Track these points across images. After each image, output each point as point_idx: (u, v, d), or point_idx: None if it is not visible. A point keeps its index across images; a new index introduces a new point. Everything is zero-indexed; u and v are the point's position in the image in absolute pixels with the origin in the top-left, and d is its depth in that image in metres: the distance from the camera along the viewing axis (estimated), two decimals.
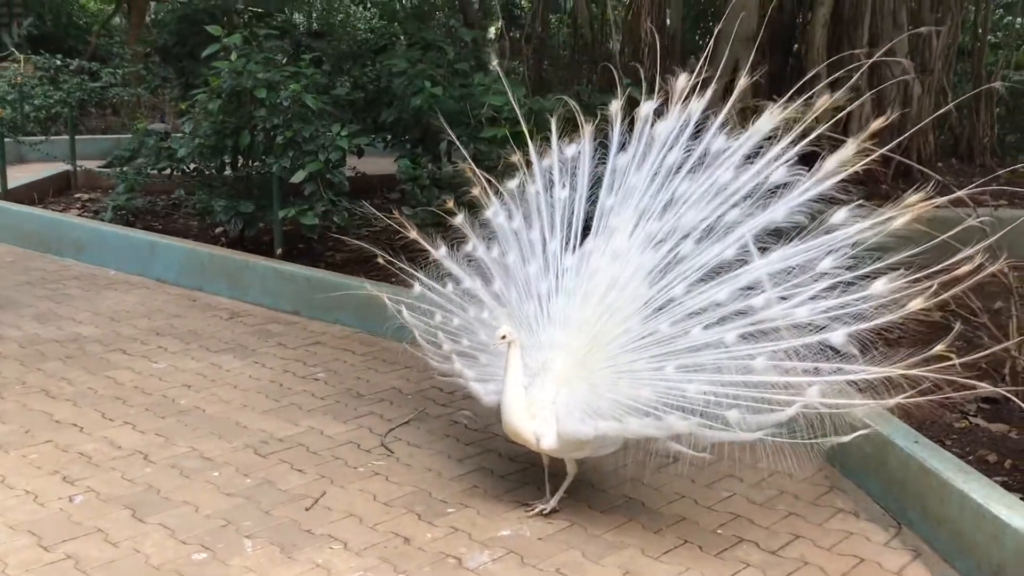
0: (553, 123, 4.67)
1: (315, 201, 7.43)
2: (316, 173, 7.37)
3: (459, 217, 4.73)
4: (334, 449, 4.82)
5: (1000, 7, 13.11)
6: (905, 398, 3.60)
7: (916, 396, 3.59)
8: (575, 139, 4.65)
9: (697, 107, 4.33)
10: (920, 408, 3.65)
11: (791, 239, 3.96)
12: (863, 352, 3.72)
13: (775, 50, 9.63)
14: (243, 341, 6.51)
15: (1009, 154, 11.26)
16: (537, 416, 4.04)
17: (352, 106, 9.15)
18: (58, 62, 15.09)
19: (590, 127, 4.58)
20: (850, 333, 3.73)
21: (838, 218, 3.90)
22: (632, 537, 4.02)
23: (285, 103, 7.60)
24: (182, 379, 5.74)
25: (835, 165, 3.95)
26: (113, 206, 9.20)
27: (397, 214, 4.79)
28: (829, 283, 3.82)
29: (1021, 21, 12.79)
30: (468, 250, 4.68)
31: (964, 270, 3.61)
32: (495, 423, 4.26)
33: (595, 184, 4.53)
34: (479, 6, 14.67)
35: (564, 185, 4.58)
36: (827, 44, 9.39)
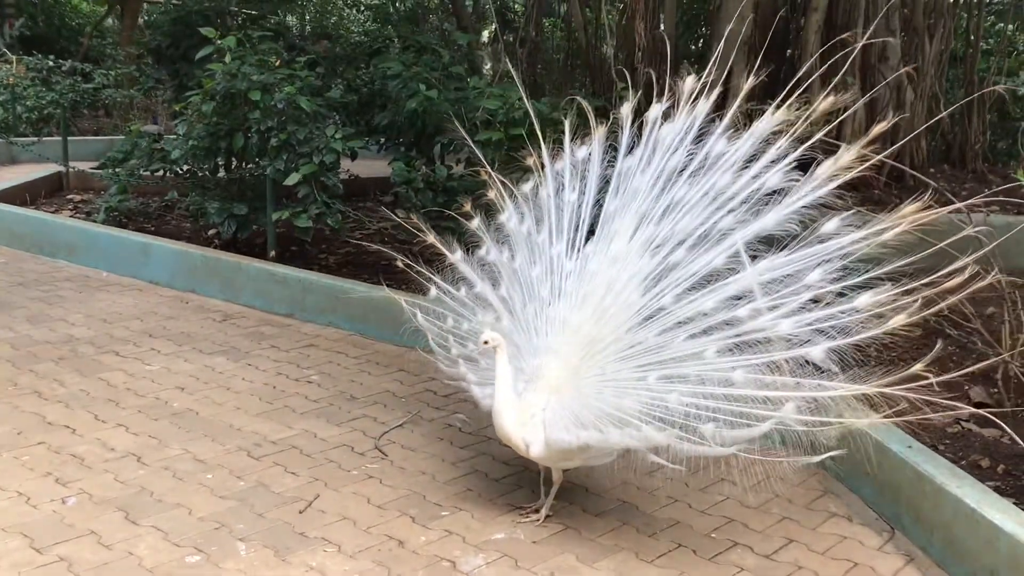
0: (567, 125, 4.63)
1: (309, 203, 7.42)
2: (310, 176, 7.37)
3: (475, 221, 4.69)
4: (328, 452, 4.81)
5: (992, 14, 13.18)
6: (880, 418, 3.59)
7: (892, 416, 3.56)
8: (587, 142, 4.62)
9: (702, 110, 4.30)
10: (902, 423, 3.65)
11: (783, 248, 3.91)
12: (843, 368, 3.68)
13: (769, 55, 9.64)
14: (236, 343, 6.50)
15: (1001, 160, 11.32)
16: (528, 423, 4.01)
17: (346, 108, 9.16)
18: (50, 63, 15.01)
19: (602, 129, 4.55)
20: (829, 348, 3.69)
21: (829, 228, 3.85)
22: (626, 541, 4.02)
23: (279, 105, 7.60)
24: (175, 381, 5.73)
25: (830, 171, 3.91)
26: (106, 207, 9.18)
27: (415, 218, 4.74)
28: (812, 295, 3.77)
29: (1012, 28, 12.85)
30: (481, 254, 4.65)
31: (954, 283, 3.56)
32: (489, 427, 4.27)
33: (605, 187, 4.49)
34: (473, 10, 14.68)
35: (573, 188, 4.56)
36: (821, 49, 9.41)
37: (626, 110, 4.53)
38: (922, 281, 3.63)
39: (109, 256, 8.37)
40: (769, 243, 3.99)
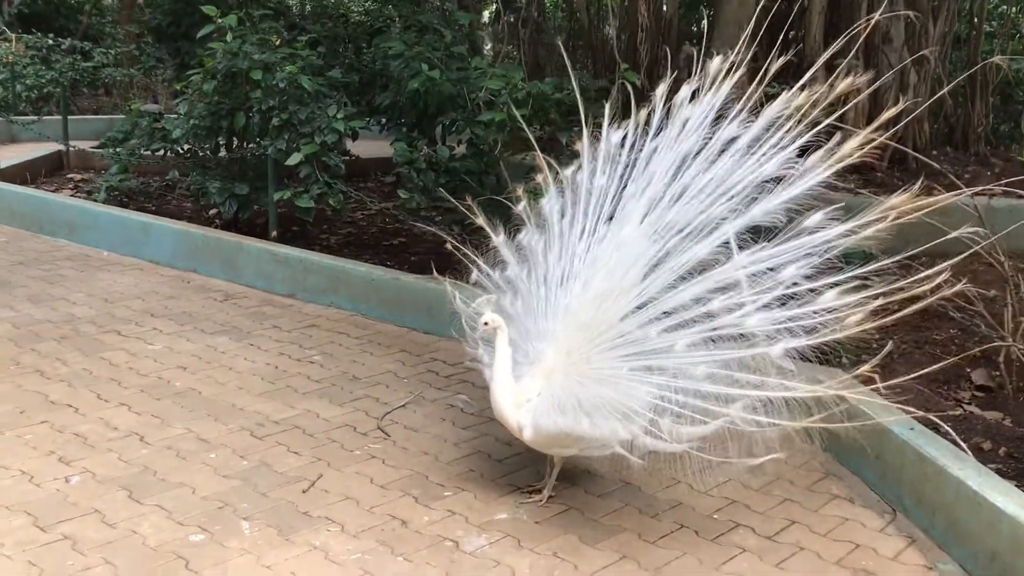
0: (607, 108, 4.48)
1: (310, 184, 7.39)
2: (311, 156, 7.34)
3: (521, 204, 4.57)
4: (330, 432, 4.82)
5: None
6: (813, 422, 3.61)
7: (827, 421, 3.62)
8: (622, 125, 4.49)
9: (724, 91, 4.19)
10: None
11: (770, 239, 3.86)
12: (801, 368, 3.70)
13: (772, 36, 9.61)
14: (238, 323, 6.50)
15: (1003, 142, 11.30)
16: (523, 406, 4.01)
17: (347, 88, 9.12)
18: (50, 41, 14.98)
19: (643, 112, 4.40)
20: (789, 348, 3.69)
21: (811, 222, 3.81)
22: (629, 521, 4.04)
23: (281, 85, 7.57)
24: (177, 361, 5.73)
25: (824, 162, 3.87)
26: (106, 187, 9.15)
27: (469, 200, 4.64)
28: (784, 292, 3.75)
29: (1015, 10, 12.79)
30: (519, 238, 4.55)
31: (922, 289, 3.59)
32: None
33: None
34: None
35: (604, 172, 4.43)
36: (824, 31, 9.39)
37: (661, 90, 4.39)
38: (894, 285, 3.62)
39: (110, 235, 8.36)
40: (769, 232, 3.93)
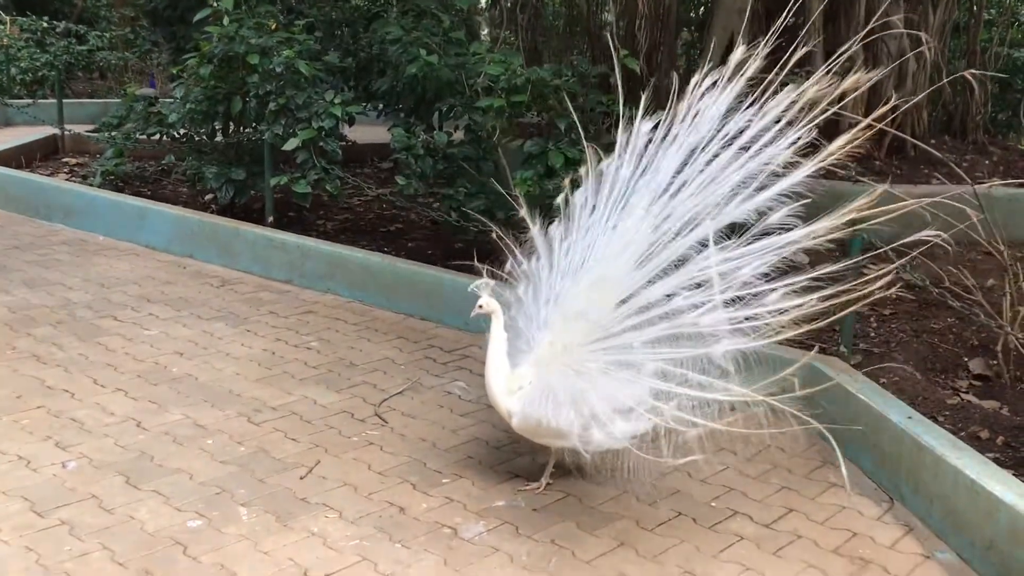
0: (644, 97, 4.31)
1: (307, 169, 7.36)
2: (308, 141, 7.31)
3: (560, 198, 4.48)
4: (328, 418, 4.81)
5: None
6: (726, 424, 3.67)
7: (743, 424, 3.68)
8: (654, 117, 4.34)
9: (738, 86, 4.09)
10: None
11: (742, 237, 3.84)
12: (739, 370, 3.72)
13: (771, 24, 9.59)
14: (234, 309, 6.48)
15: (1001, 131, 11.27)
16: (515, 393, 4.01)
17: (343, 73, 9.08)
18: (44, 24, 14.91)
19: (683, 104, 4.22)
20: (729, 350, 3.72)
21: (774, 220, 3.80)
22: (627, 509, 4.04)
23: (278, 69, 7.53)
24: (174, 346, 5.71)
25: (819, 158, 3.86)
26: (102, 171, 9.10)
27: (518, 191, 4.55)
28: (737, 292, 3.75)
29: None
30: (550, 229, 4.45)
31: (864, 292, 3.62)
32: None
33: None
34: None
35: (629, 164, 4.29)
36: (824, 18, 9.34)
37: (696, 79, 4.23)
38: (838, 288, 3.64)
39: (106, 220, 8.32)
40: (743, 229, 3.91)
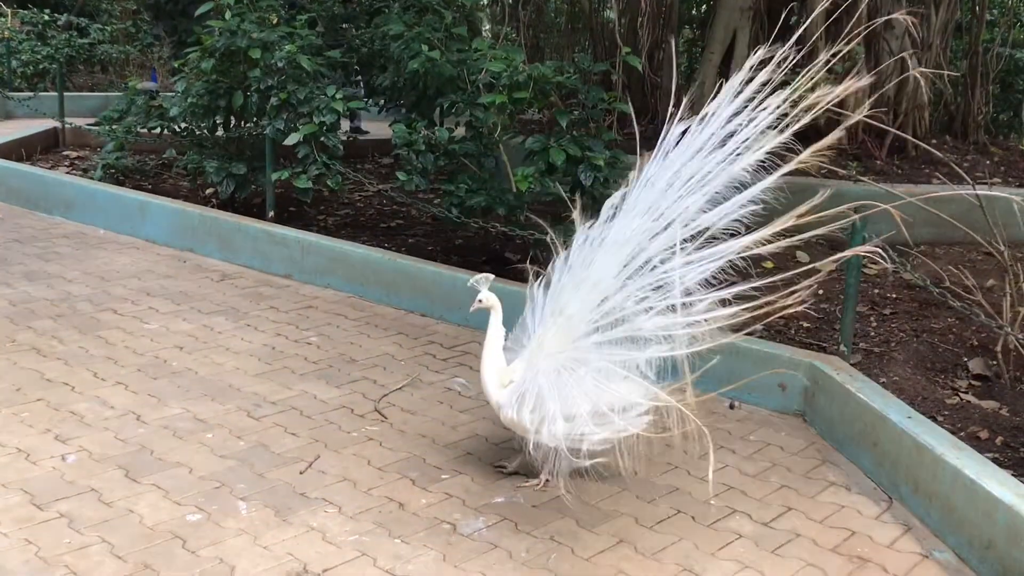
0: (684, 100, 4.15)
1: (308, 164, 7.36)
2: (310, 136, 7.31)
3: (616, 194, 4.28)
4: (327, 413, 4.82)
5: None
6: (643, 430, 3.79)
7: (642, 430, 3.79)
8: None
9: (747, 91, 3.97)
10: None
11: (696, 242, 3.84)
12: (660, 377, 3.80)
13: (772, 21, 9.58)
14: (235, 303, 6.48)
15: (1002, 132, 11.28)
16: (507, 387, 4.04)
17: (345, 69, 9.07)
18: (46, 17, 14.91)
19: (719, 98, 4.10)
20: (651, 358, 3.78)
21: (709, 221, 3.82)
22: (626, 506, 4.04)
23: (279, 64, 7.52)
24: (174, 340, 5.71)
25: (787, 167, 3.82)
26: (103, 164, 9.10)
27: (577, 200, 4.43)
28: (675, 300, 3.77)
29: None
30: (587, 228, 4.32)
31: (791, 300, 3.64)
32: None
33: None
34: None
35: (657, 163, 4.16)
36: (826, 16, 9.33)
37: (750, 62, 4.06)
38: (767, 298, 3.66)
39: (106, 213, 8.32)
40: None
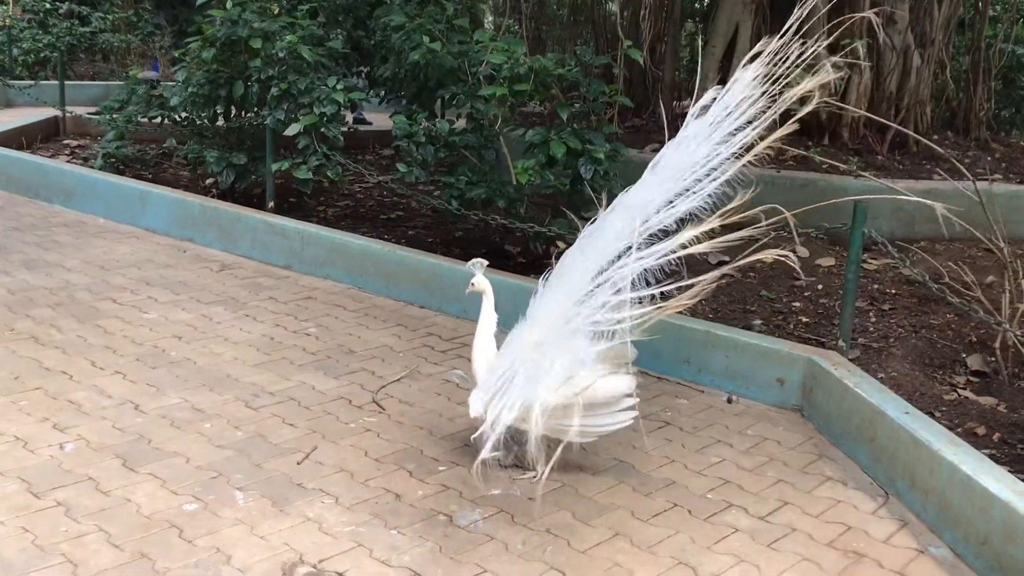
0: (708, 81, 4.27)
1: (309, 155, 7.35)
2: (310, 127, 7.30)
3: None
4: (325, 404, 4.82)
5: None
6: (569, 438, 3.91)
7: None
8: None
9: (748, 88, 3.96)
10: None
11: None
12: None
13: (775, 14, 9.56)
14: (234, 294, 6.48)
15: (1004, 128, 11.26)
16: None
17: (346, 60, 9.05)
18: (47, 5, 14.88)
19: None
20: (572, 360, 3.84)
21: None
22: (622, 499, 4.04)
23: (280, 54, 7.50)
24: (172, 330, 5.72)
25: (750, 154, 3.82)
26: (103, 154, 9.10)
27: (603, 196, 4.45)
28: (616, 299, 3.80)
29: None
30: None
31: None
32: None
33: None
34: None
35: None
36: (828, 9, 9.32)
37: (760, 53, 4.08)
38: (677, 299, 3.74)
39: (106, 202, 8.32)
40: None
